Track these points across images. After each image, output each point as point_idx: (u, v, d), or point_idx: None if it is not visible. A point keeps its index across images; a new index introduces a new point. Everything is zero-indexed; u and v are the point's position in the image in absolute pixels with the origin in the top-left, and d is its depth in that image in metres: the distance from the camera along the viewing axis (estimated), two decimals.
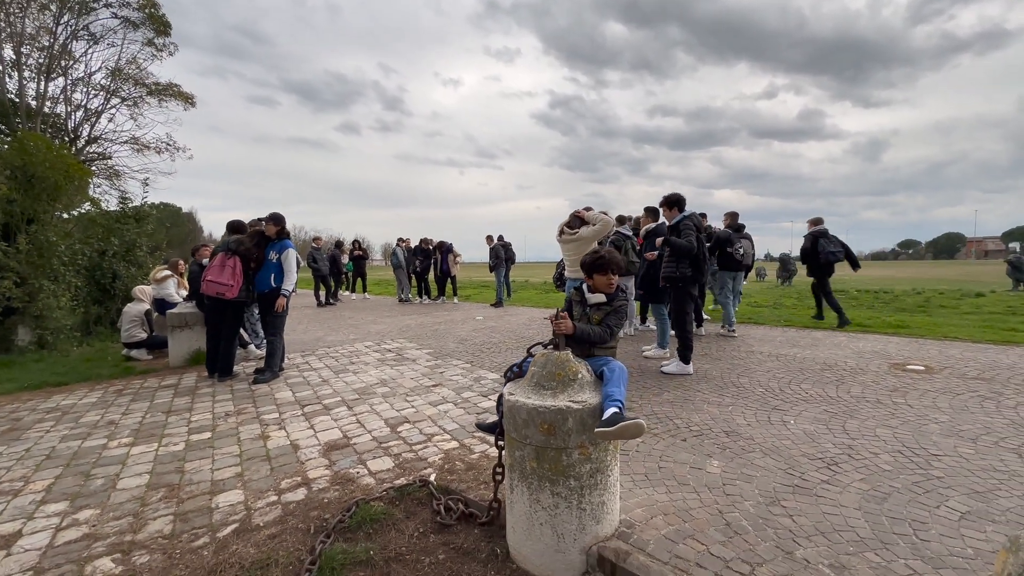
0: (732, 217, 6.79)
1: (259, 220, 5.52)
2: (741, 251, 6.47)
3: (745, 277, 6.81)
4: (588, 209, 5.27)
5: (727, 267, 6.59)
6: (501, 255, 11.75)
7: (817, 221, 7.24)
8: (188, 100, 13.84)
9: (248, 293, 4.82)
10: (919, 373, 4.39)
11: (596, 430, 1.78)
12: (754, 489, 2.36)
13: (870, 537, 1.95)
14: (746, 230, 6.76)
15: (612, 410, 1.79)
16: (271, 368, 4.79)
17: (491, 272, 11.89)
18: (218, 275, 4.67)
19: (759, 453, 2.77)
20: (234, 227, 5.26)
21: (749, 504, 2.22)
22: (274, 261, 4.80)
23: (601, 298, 2.32)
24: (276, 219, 4.92)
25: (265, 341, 5.34)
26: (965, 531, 1.98)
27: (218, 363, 4.86)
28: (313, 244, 12.87)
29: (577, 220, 5.21)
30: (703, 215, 7.82)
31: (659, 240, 5.04)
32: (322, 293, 12.52)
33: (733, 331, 6.42)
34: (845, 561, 1.81)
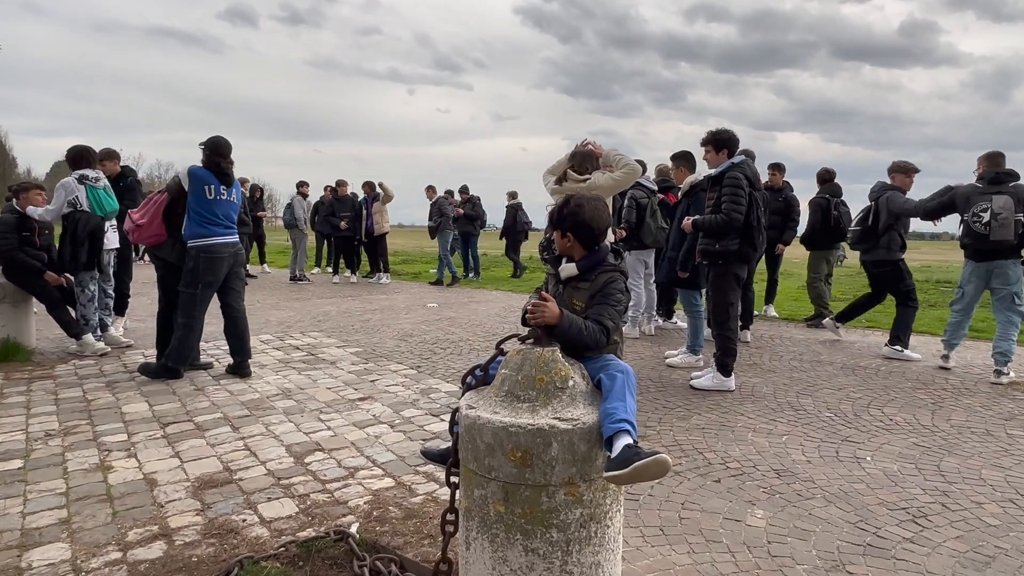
0: (987, 161, 5.32)
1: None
2: (985, 216, 4.98)
3: None
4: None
5: (967, 251, 5.34)
6: (448, 212, 11.85)
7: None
8: None
9: (174, 249, 5.00)
10: (1013, 381, 4.62)
11: (605, 475, 1.82)
12: (811, 549, 2.45)
13: None
14: (1014, 183, 5.09)
15: (623, 442, 1.80)
16: (165, 359, 5.00)
17: (432, 238, 11.99)
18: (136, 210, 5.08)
19: (821, 500, 2.87)
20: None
21: (803, 568, 2.31)
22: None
23: (572, 270, 2.23)
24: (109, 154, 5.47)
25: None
26: None
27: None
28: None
29: (588, 161, 4.96)
30: (779, 166, 7.94)
31: (686, 223, 5.02)
32: None
33: (947, 358, 5.51)
34: None
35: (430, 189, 12.54)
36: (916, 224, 6.62)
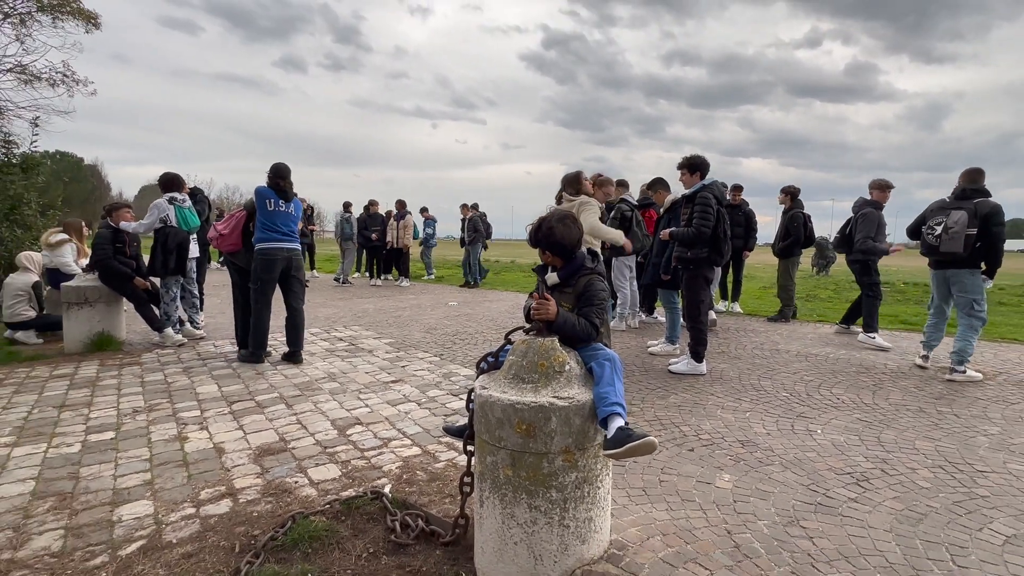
0: (965, 178, 4.75)
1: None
2: (937, 230, 4.66)
3: (990, 275, 4.71)
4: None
5: (929, 260, 4.95)
6: (480, 227, 11.92)
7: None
8: (91, 20, 13.31)
9: (246, 257, 5.18)
10: (970, 379, 4.54)
11: (603, 453, 1.86)
12: (770, 507, 2.43)
13: (901, 563, 2.03)
14: (979, 200, 4.55)
15: (616, 424, 1.82)
16: (246, 346, 5.16)
17: (462, 247, 12.03)
18: (221, 223, 5.32)
19: (778, 466, 2.85)
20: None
21: (763, 524, 2.29)
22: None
23: (555, 279, 2.22)
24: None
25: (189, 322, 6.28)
26: (1009, 556, 2.07)
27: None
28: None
29: (573, 185, 4.99)
30: (739, 187, 7.90)
31: (665, 233, 5.04)
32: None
33: (926, 358, 5.01)
34: None
35: (464, 207, 12.47)
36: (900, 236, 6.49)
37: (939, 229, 4.63)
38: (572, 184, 4.96)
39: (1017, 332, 6.64)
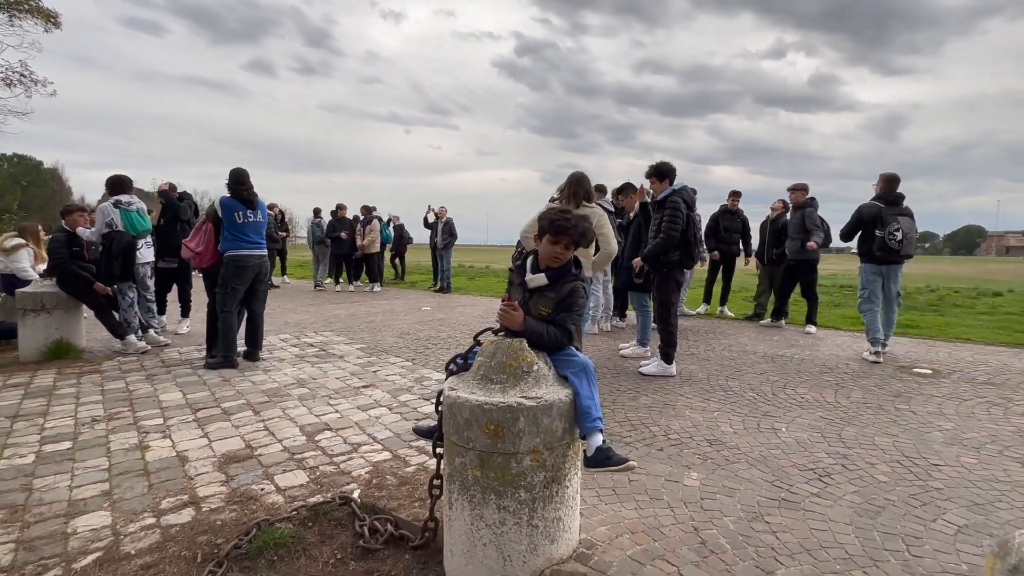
0: (887, 183, 5.44)
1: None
2: (899, 236, 5.18)
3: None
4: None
5: (873, 258, 5.40)
6: (455, 231, 11.93)
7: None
8: (50, 19, 12.92)
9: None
10: (926, 377, 4.71)
11: (583, 468, 1.94)
12: (736, 503, 2.47)
13: (859, 554, 2.09)
14: (905, 203, 5.38)
15: (596, 442, 1.88)
16: (215, 352, 5.04)
17: (441, 251, 11.98)
18: (190, 240, 5.22)
19: (744, 464, 2.90)
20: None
21: (729, 520, 2.33)
22: None
23: (542, 280, 2.13)
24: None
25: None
26: (961, 545, 2.15)
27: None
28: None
29: (582, 186, 4.38)
30: (737, 193, 8.09)
31: (636, 261, 5.10)
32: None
33: (879, 354, 5.32)
34: None
35: (443, 209, 12.40)
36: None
37: (899, 235, 5.21)
38: (586, 187, 4.18)
39: (970, 332, 6.91)
